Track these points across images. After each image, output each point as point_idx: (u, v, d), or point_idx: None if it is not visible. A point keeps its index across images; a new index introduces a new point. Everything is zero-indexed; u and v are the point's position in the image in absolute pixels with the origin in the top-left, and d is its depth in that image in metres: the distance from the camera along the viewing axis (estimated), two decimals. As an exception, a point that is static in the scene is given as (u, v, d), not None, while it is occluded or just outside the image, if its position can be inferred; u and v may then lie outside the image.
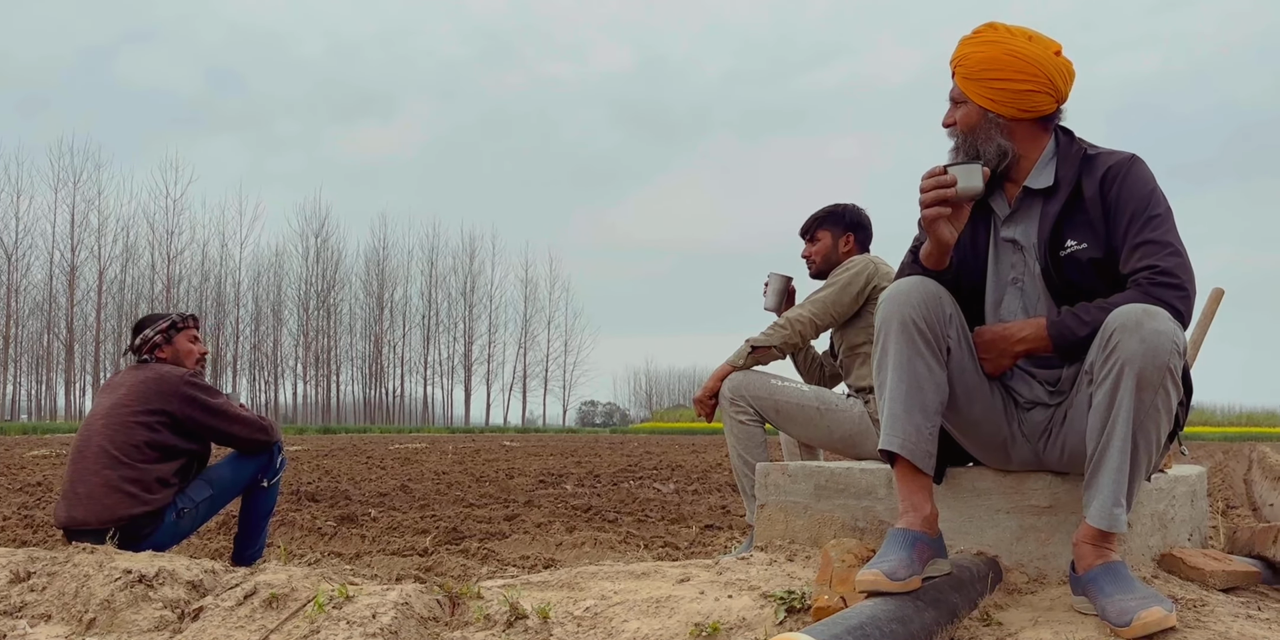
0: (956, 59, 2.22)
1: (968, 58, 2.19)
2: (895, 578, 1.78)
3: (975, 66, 2.17)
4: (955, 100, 2.24)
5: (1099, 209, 2.08)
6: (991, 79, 2.15)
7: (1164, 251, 2.00)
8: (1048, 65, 2.14)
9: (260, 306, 56.81)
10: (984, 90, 2.16)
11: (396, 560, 4.32)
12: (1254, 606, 2.00)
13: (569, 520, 5.75)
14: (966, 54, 2.20)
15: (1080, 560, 1.91)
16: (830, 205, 3.59)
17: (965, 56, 2.20)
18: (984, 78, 2.16)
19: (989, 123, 2.17)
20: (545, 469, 11.23)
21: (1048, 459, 2.17)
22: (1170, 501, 2.32)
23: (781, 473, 2.61)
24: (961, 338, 2.11)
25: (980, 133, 2.17)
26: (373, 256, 60.47)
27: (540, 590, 2.19)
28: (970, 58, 2.19)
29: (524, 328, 64.43)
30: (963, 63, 2.20)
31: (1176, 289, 1.96)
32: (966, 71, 2.19)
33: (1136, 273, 2.01)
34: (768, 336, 3.34)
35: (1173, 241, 2.03)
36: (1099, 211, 2.08)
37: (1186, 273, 1.99)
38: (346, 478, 9.43)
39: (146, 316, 3.59)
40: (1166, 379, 1.85)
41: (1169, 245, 2.01)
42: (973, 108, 2.19)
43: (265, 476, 3.55)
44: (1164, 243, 2.01)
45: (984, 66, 2.16)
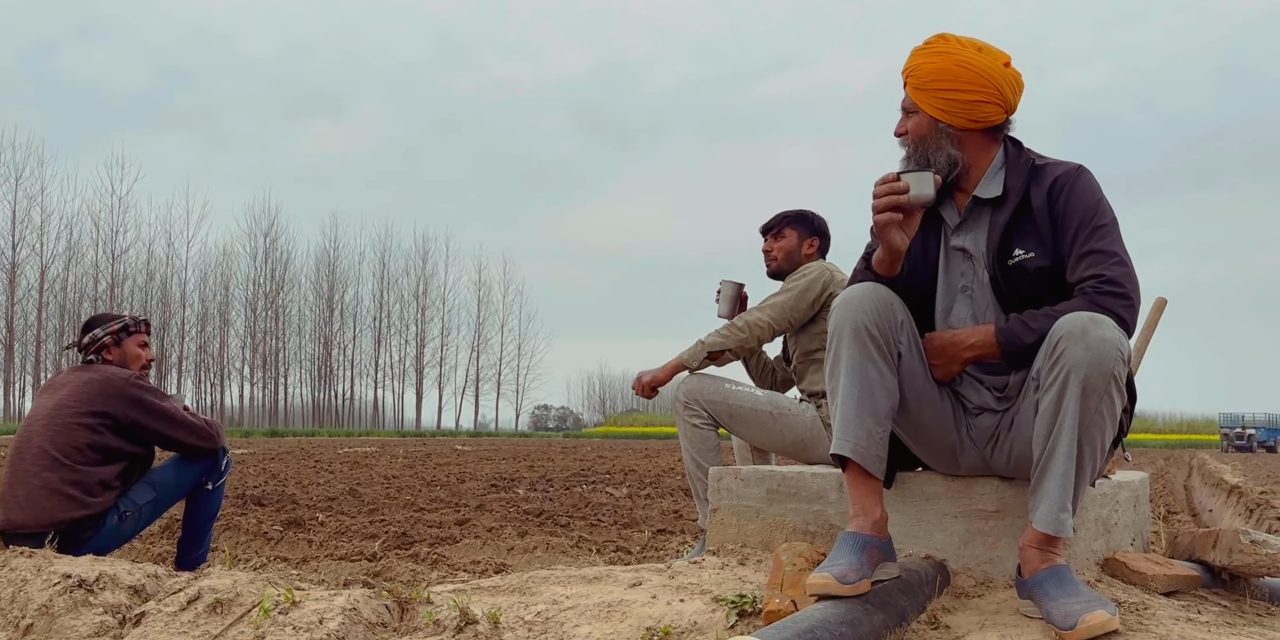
0: (908, 69, 2.24)
1: (919, 68, 2.22)
2: (845, 581, 1.80)
3: (926, 77, 2.20)
4: (907, 110, 2.26)
5: (1046, 219, 2.12)
6: (942, 89, 2.18)
7: (1110, 261, 2.04)
8: (997, 76, 2.17)
9: (207, 307, 55.96)
10: (934, 101, 2.19)
11: (345, 565, 4.27)
12: (1194, 609, 2.04)
13: (521, 525, 5.71)
14: (918, 65, 2.22)
15: (1026, 564, 1.94)
16: (798, 209, 3.62)
17: (917, 67, 2.22)
18: (935, 88, 2.19)
19: (939, 133, 2.20)
20: (497, 473, 11.16)
21: (995, 464, 2.20)
22: (1114, 507, 2.36)
23: (734, 477, 2.62)
24: (912, 344, 2.14)
25: (931, 142, 2.20)
26: (323, 257, 59.88)
27: (491, 595, 2.18)
28: (922, 68, 2.21)
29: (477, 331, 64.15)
30: (914, 73, 2.23)
31: (1122, 298, 2.00)
32: (918, 82, 2.21)
33: (1083, 281, 2.04)
34: (723, 338, 3.35)
35: (1118, 251, 2.07)
36: (1046, 221, 2.12)
37: (1131, 282, 2.04)
38: (294, 481, 9.30)
39: (99, 315, 3.51)
40: (1111, 386, 1.88)
41: (1115, 255, 2.05)
42: (924, 118, 2.22)
43: (210, 479, 3.48)
44: (1110, 252, 2.05)
45: (934, 77, 2.18)
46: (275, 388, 58.46)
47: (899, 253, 2.11)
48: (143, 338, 3.50)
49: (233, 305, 56.72)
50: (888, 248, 2.11)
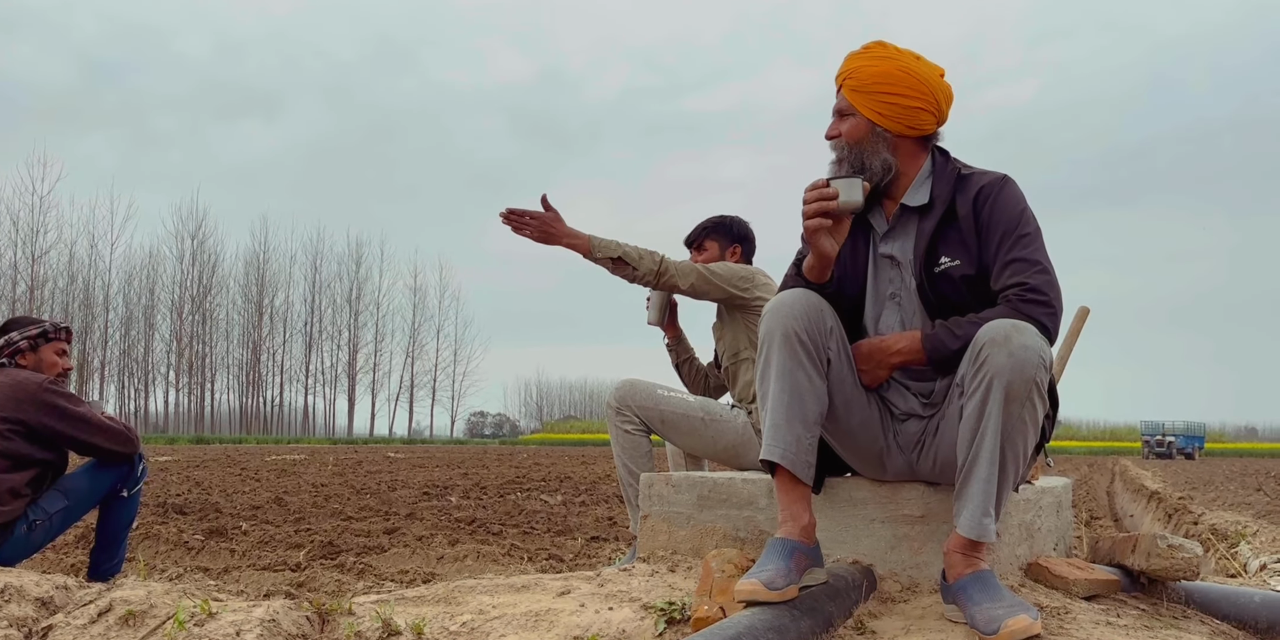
0: (846, 72, 2.24)
1: (860, 71, 2.22)
2: (773, 587, 1.80)
3: (868, 79, 2.20)
4: (843, 112, 2.26)
5: (972, 227, 2.14)
6: (883, 93, 2.19)
7: (1033, 269, 2.08)
8: (935, 86, 2.20)
9: (131, 310, 54.57)
10: (874, 104, 2.20)
11: (267, 576, 4.17)
12: (1114, 613, 2.08)
13: (452, 533, 5.64)
14: (859, 67, 2.22)
15: (950, 569, 1.96)
16: (716, 216, 3.59)
17: (857, 69, 2.22)
18: (876, 91, 2.19)
19: (876, 136, 2.21)
20: (430, 481, 11.03)
21: (921, 470, 2.22)
22: (1037, 512, 2.40)
23: (665, 483, 2.61)
24: (841, 350, 2.14)
25: (867, 146, 2.21)
26: (253, 260, 58.78)
27: (416, 605, 2.13)
28: (863, 71, 2.21)
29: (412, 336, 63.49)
30: (854, 75, 2.23)
31: (1044, 306, 2.03)
32: (858, 84, 2.21)
33: (1007, 289, 2.08)
34: (639, 256, 3.16)
35: (1041, 260, 2.10)
36: (972, 229, 2.14)
37: (1054, 290, 2.07)
38: (218, 489, 9.08)
39: (17, 318, 3.38)
40: (1033, 392, 1.91)
41: (1038, 263, 2.09)
42: (861, 120, 2.22)
43: (125, 487, 3.37)
44: (1033, 261, 2.09)
45: (876, 80, 2.19)
46: (202, 394, 57.17)
47: (828, 259, 2.12)
48: (62, 346, 3.38)
49: (158, 309, 55.43)
50: (817, 254, 2.11)
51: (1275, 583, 2.95)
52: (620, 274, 3.19)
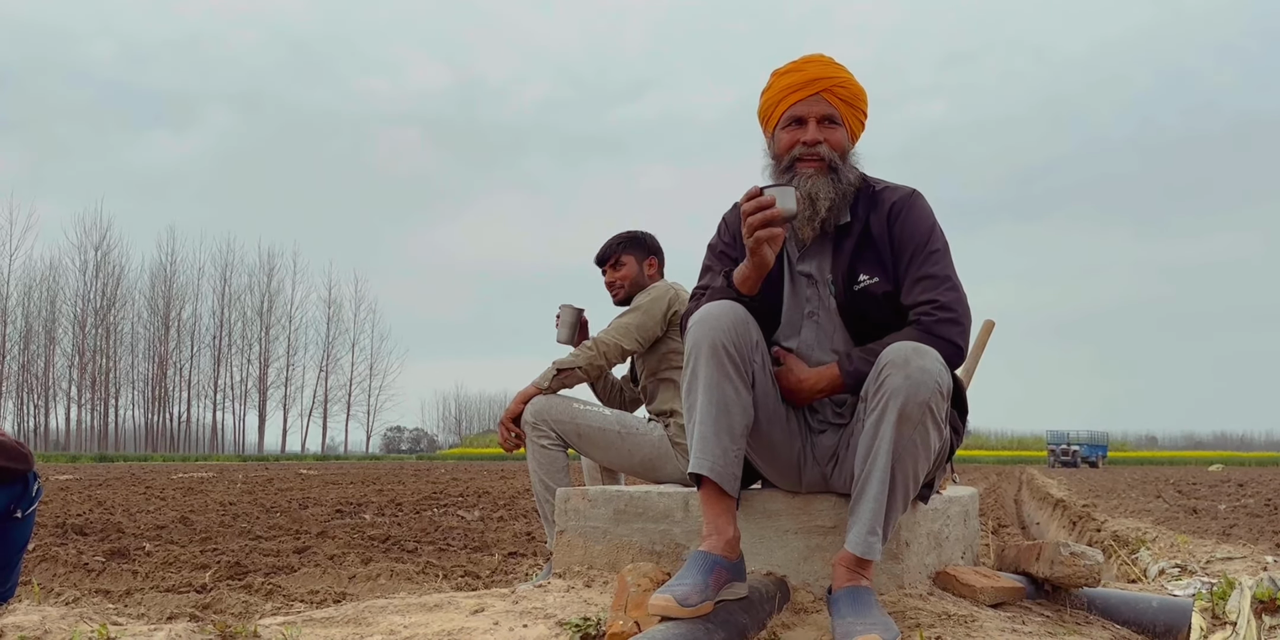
0: (832, 79, 2.21)
1: (848, 82, 2.22)
2: (686, 604, 1.79)
3: (855, 94, 2.22)
4: (832, 120, 2.22)
5: (886, 243, 2.18)
6: (860, 110, 2.24)
7: (942, 286, 2.12)
8: None
9: (31, 323, 52.48)
10: (857, 118, 2.24)
11: (171, 597, 4.02)
12: (1019, 621, 2.13)
13: (365, 551, 5.52)
14: (848, 79, 2.22)
15: (835, 581, 1.97)
16: (626, 232, 3.60)
17: (847, 80, 2.22)
18: (857, 106, 2.23)
19: (847, 152, 2.24)
20: (343, 498, 10.80)
21: (835, 483, 2.25)
22: (945, 521, 2.45)
23: (581, 497, 2.59)
24: (765, 363, 2.15)
25: (847, 159, 2.22)
26: (159, 272, 57.09)
27: (324, 627, 2.08)
28: (850, 84, 2.22)
29: (326, 350, 62.26)
30: (844, 85, 2.21)
31: (954, 324, 2.08)
32: (847, 95, 2.22)
33: (917, 306, 2.12)
34: (574, 358, 3.33)
35: (950, 276, 2.15)
36: (885, 246, 2.18)
37: (962, 306, 2.12)
38: (121, 509, 8.75)
39: None
40: (926, 417, 1.93)
41: (948, 280, 2.14)
42: (844, 133, 2.23)
43: (19, 507, 3.22)
44: (942, 277, 2.13)
45: (857, 97, 2.23)
46: (105, 410, 55.18)
47: (766, 269, 2.09)
48: None
49: (59, 322, 53.44)
50: (757, 264, 2.07)
51: (1173, 588, 3.05)
52: (574, 382, 3.36)
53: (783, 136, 2.24)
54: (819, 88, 2.21)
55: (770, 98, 2.27)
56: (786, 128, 2.24)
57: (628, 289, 3.53)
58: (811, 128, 2.20)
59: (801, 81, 2.21)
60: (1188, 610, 2.24)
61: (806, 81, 2.21)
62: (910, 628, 1.96)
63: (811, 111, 2.20)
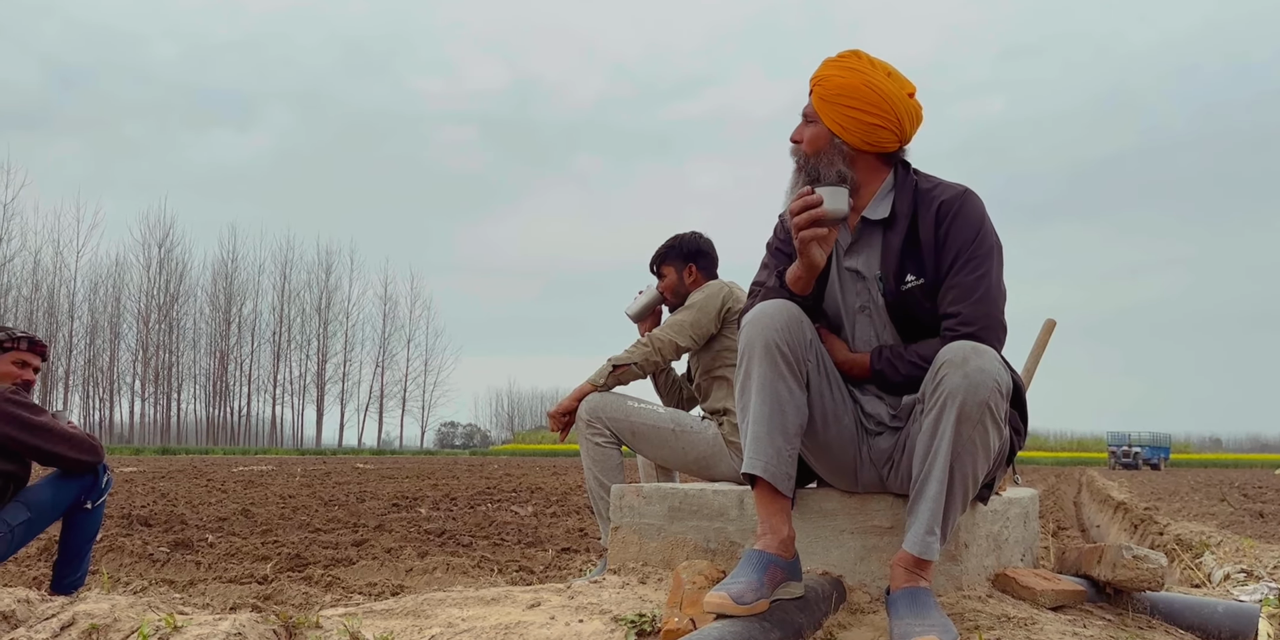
0: (817, 78, 2.25)
1: (828, 79, 2.23)
2: (741, 601, 1.79)
3: (832, 90, 2.21)
4: (807, 117, 2.27)
5: (932, 243, 2.16)
6: (845, 105, 2.20)
7: (971, 297, 2.09)
8: (899, 105, 2.20)
9: (96, 319, 53.90)
10: (836, 115, 2.21)
11: (233, 588, 4.12)
12: (1080, 624, 2.10)
13: (421, 545, 5.60)
14: (828, 75, 2.23)
15: (893, 581, 1.96)
16: (668, 240, 3.62)
17: (826, 78, 2.23)
18: (839, 102, 2.20)
19: (834, 147, 2.22)
20: (399, 492, 10.95)
21: (891, 484, 2.23)
22: (1004, 523, 2.42)
23: (636, 495, 2.60)
24: (820, 362, 2.15)
25: (824, 155, 2.22)
26: (220, 269, 58.27)
27: (384, 618, 2.11)
28: (830, 80, 2.22)
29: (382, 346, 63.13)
30: (822, 83, 2.24)
31: (974, 338, 2.03)
32: (824, 93, 2.23)
33: (945, 317, 2.11)
34: (629, 354, 3.34)
35: (982, 286, 2.10)
36: (932, 246, 2.16)
37: (988, 319, 2.08)
38: (184, 501, 8.96)
39: None
40: (986, 416, 1.91)
41: (976, 290, 2.09)
42: (822, 129, 2.23)
43: (89, 498, 3.33)
44: (974, 287, 2.09)
45: (840, 92, 2.20)
46: (168, 404, 56.51)
47: (817, 270, 2.09)
48: (21, 356, 3.33)
49: (124, 318, 54.78)
50: (807, 264, 2.08)
51: (1238, 593, 2.98)
52: (630, 378, 3.37)
53: None
54: (810, 87, 2.28)
55: None
56: None
57: (673, 299, 3.59)
58: (799, 126, 2.29)
59: (809, 81, 2.30)
60: (1255, 616, 2.19)
61: (810, 81, 2.29)
62: (969, 629, 1.94)
63: (803, 110, 2.29)
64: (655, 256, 3.61)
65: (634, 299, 3.65)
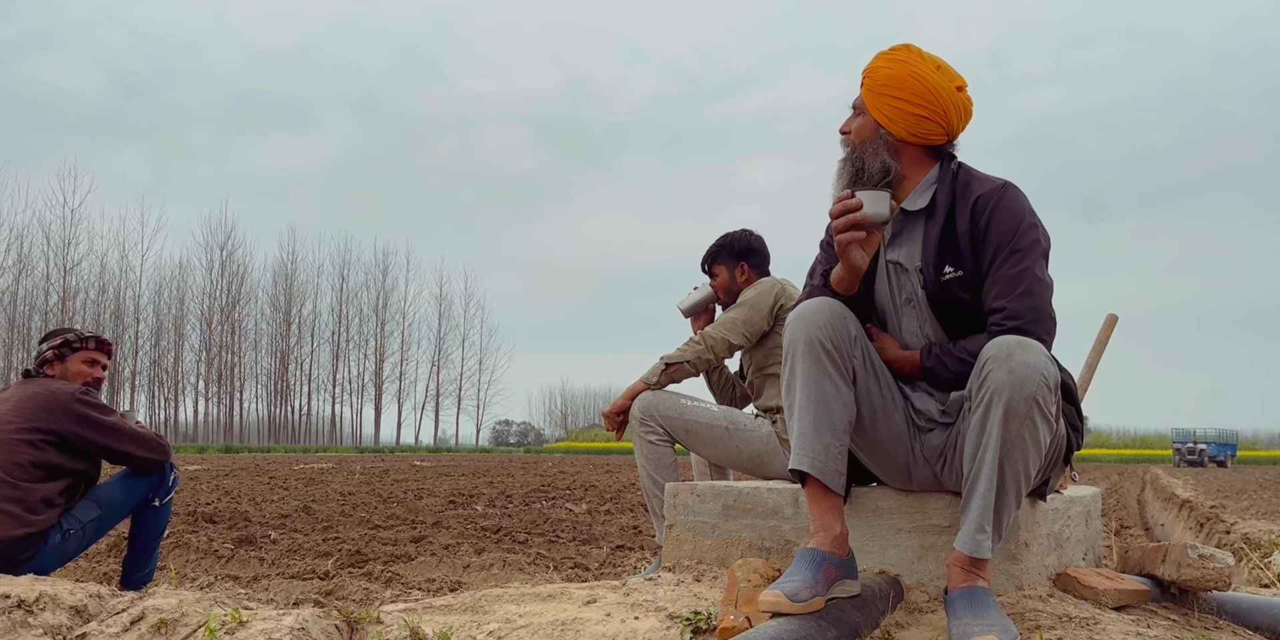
0: (867, 70, 2.27)
1: (876, 71, 2.24)
2: (797, 599, 1.79)
3: (880, 81, 2.22)
4: (856, 109, 2.28)
5: (969, 237, 2.14)
6: (891, 96, 2.20)
7: (1015, 291, 2.06)
8: (945, 98, 2.19)
9: (161, 321, 55.17)
10: (882, 106, 2.21)
11: (296, 584, 4.20)
12: (1144, 624, 2.06)
13: (478, 541, 5.66)
14: (876, 67, 2.24)
15: (950, 581, 1.94)
16: (719, 239, 3.61)
17: (875, 69, 2.24)
18: (885, 93, 2.21)
19: (879, 138, 2.22)
20: (456, 489, 11.07)
21: (946, 481, 2.21)
22: (1065, 522, 2.38)
23: (690, 493, 2.61)
24: (867, 359, 2.14)
25: (870, 146, 2.22)
26: (280, 271, 59.32)
27: (443, 614, 2.15)
28: (878, 71, 2.23)
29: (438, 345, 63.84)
30: (871, 75, 2.25)
31: (1021, 333, 2.00)
32: (872, 84, 2.23)
33: (990, 313, 2.09)
34: (681, 352, 3.35)
35: (1027, 280, 2.06)
36: (968, 240, 2.14)
37: (1034, 313, 2.05)
38: (247, 498, 9.15)
39: (55, 329, 3.46)
40: (1033, 410, 1.88)
41: (1020, 284, 2.06)
42: (869, 120, 2.24)
43: (157, 496, 3.42)
44: (1019, 281, 2.06)
45: (887, 83, 2.21)
46: (230, 403, 57.68)
47: (859, 271, 2.10)
48: (90, 355, 3.43)
49: (188, 319, 56.00)
50: (848, 266, 2.09)
51: (1310, 593, 2.90)
52: (682, 376, 3.38)
53: None
54: (861, 79, 2.29)
55: None
56: None
57: (725, 299, 3.59)
58: (848, 118, 2.30)
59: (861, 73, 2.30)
60: (1328, 618, 2.13)
61: (861, 73, 2.29)
62: (1029, 629, 1.92)
63: (853, 101, 2.31)
64: (706, 256, 3.61)
65: (688, 294, 3.66)
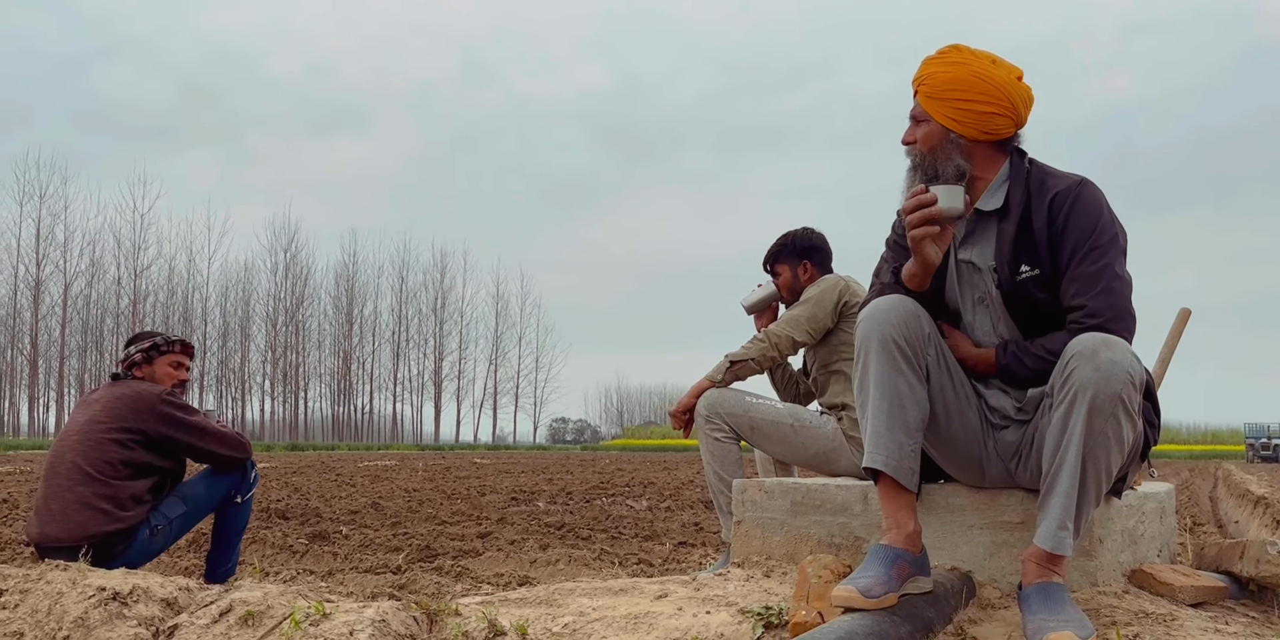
0: (920, 78, 2.24)
1: (933, 77, 2.21)
2: (870, 595, 1.80)
3: (940, 86, 2.20)
4: (917, 119, 2.25)
5: (1046, 235, 2.12)
6: (956, 99, 2.18)
7: (1095, 288, 2.05)
8: (1010, 89, 2.17)
9: (228, 322, 56.32)
10: (948, 110, 2.19)
11: (370, 578, 4.29)
12: (1222, 621, 2.04)
13: (542, 537, 5.73)
14: (932, 73, 2.22)
15: (1025, 577, 1.94)
16: (780, 237, 3.62)
17: (931, 75, 2.22)
18: (949, 97, 2.18)
19: (950, 143, 2.20)
20: (517, 486, 11.18)
21: (1020, 478, 2.20)
22: (1140, 518, 2.36)
23: (758, 489, 2.63)
24: (940, 356, 2.14)
25: (940, 152, 2.20)
26: (342, 272, 60.21)
27: (518, 607, 2.19)
28: (936, 77, 2.21)
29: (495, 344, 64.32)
30: (927, 82, 2.22)
31: (1102, 331, 1.99)
32: (931, 90, 2.21)
33: (1071, 311, 2.07)
34: (745, 350, 3.37)
35: (1106, 277, 2.06)
36: (1046, 238, 2.12)
37: (1114, 311, 2.04)
38: (317, 495, 9.34)
39: (140, 333, 3.59)
40: (1118, 408, 1.88)
41: (1099, 281, 2.05)
42: (935, 127, 2.21)
43: (239, 493, 3.52)
44: (1098, 278, 2.05)
45: (949, 87, 2.18)
46: (296, 402, 58.74)
47: (932, 267, 2.10)
48: (176, 358, 3.55)
49: (253, 320, 57.10)
50: (921, 262, 2.09)
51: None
52: (747, 374, 3.40)
53: None
54: (914, 88, 2.26)
55: None
56: None
57: (789, 297, 3.60)
58: (908, 129, 2.26)
59: (913, 83, 2.27)
60: None
61: (913, 83, 2.27)
62: (1105, 625, 1.91)
63: (910, 113, 2.27)
64: (768, 255, 3.62)
65: (751, 291, 3.67)
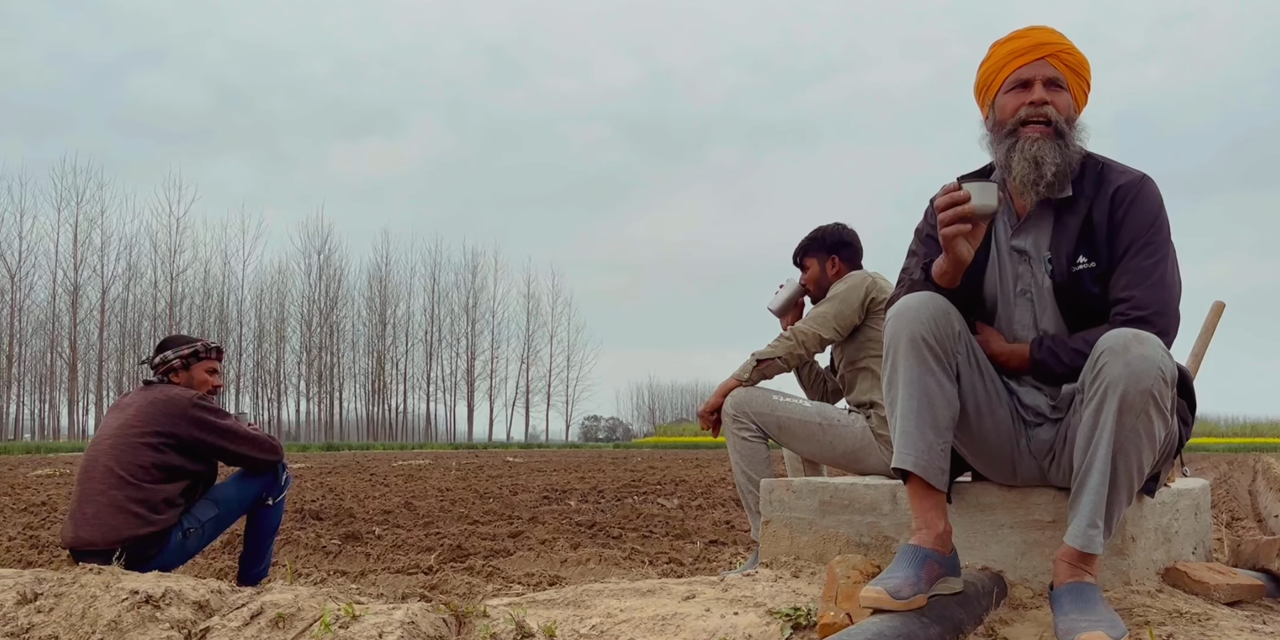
0: (1056, 45, 2.17)
1: (1071, 51, 2.17)
2: (899, 596, 1.79)
3: (1075, 62, 2.18)
4: (1058, 84, 2.17)
5: (1105, 227, 2.09)
6: (1085, 79, 2.19)
7: (1145, 282, 2.03)
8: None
9: (263, 324, 56.86)
10: (1083, 86, 2.19)
11: (402, 578, 4.32)
12: (1259, 620, 2.00)
13: (573, 537, 5.74)
14: (1068, 47, 2.18)
15: (1056, 577, 1.92)
16: (811, 232, 3.61)
17: (1071, 48, 2.18)
18: (1084, 75, 2.19)
19: (1076, 121, 2.18)
20: (549, 485, 11.21)
21: (1052, 476, 2.18)
22: (1174, 515, 2.32)
23: (786, 489, 2.62)
24: (971, 354, 2.11)
25: (1074, 127, 2.16)
26: (375, 273, 60.59)
27: (546, 608, 2.19)
28: (1074, 52, 2.18)
29: (526, 343, 64.48)
30: (1070, 52, 2.17)
31: (1144, 323, 1.98)
32: (1073, 62, 2.17)
33: (1118, 302, 2.05)
34: (772, 348, 3.35)
35: (1157, 270, 2.04)
36: (1104, 230, 2.09)
37: (1161, 304, 2.02)
38: (350, 495, 9.41)
39: (174, 337, 3.62)
40: (1150, 404, 1.85)
41: (1151, 275, 2.04)
42: (1069, 99, 2.17)
43: (270, 495, 3.56)
44: (1149, 273, 2.04)
45: (1082, 65, 2.19)
46: (330, 402, 59.26)
47: (963, 264, 2.06)
48: (213, 364, 3.59)
49: (288, 322, 57.62)
50: (952, 259, 2.06)
51: None
52: (774, 372, 3.39)
53: (1006, 100, 2.18)
54: (1045, 52, 2.16)
55: (991, 65, 2.22)
56: (1011, 91, 2.18)
57: (815, 292, 3.58)
58: (1038, 89, 2.15)
59: (1027, 46, 2.17)
60: None
61: (1032, 46, 2.17)
62: (1138, 625, 1.89)
63: (1038, 74, 2.16)
64: (798, 249, 3.61)
65: (774, 294, 3.65)
